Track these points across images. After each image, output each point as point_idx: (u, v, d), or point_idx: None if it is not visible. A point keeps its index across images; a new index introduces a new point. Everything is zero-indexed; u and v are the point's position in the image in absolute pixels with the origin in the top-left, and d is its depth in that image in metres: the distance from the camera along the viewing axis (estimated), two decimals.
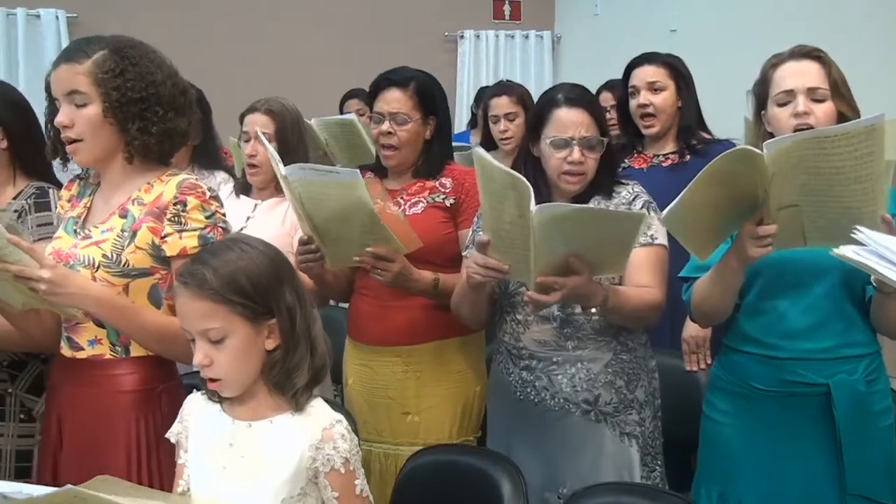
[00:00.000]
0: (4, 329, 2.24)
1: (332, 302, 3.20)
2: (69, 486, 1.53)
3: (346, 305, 3.31)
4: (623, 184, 2.56)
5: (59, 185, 2.51)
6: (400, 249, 2.51)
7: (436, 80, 2.91)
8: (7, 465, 2.48)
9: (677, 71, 3.44)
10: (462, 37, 7.35)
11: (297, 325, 1.82)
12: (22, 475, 2.48)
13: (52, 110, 2.20)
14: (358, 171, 2.43)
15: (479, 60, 7.36)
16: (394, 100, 2.78)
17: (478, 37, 7.38)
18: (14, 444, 2.47)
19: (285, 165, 2.46)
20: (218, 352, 1.77)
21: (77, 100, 2.10)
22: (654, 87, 3.38)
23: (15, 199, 2.45)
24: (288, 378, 1.82)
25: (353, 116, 4.59)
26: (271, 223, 3.14)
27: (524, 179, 2.10)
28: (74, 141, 2.13)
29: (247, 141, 3.22)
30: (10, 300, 2.10)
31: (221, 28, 6.64)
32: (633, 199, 2.50)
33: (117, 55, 2.11)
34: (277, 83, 4.85)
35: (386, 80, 2.82)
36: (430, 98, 2.83)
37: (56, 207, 2.40)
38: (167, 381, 2.21)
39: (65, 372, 2.20)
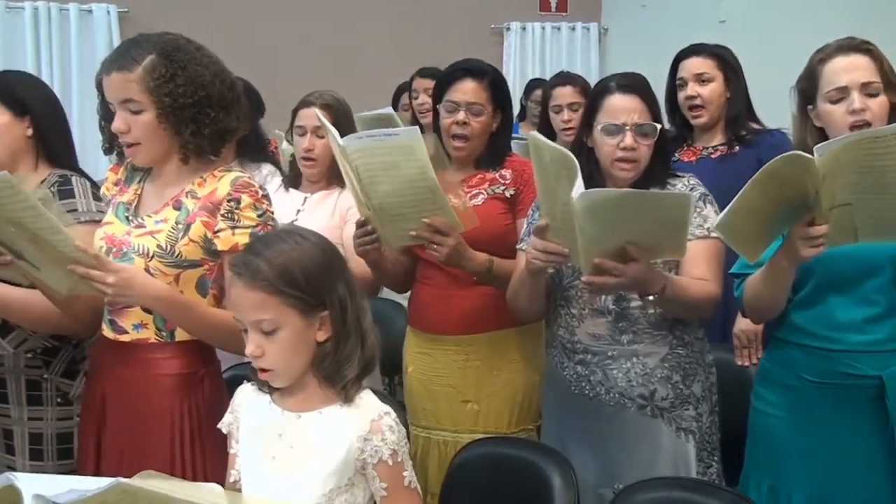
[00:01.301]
0: (48, 310, 2.29)
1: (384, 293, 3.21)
2: (119, 479, 1.54)
3: (398, 299, 3.33)
4: (678, 176, 2.54)
5: (81, 174, 2.57)
6: (456, 225, 2.51)
7: (502, 74, 2.93)
8: (49, 448, 2.52)
9: (725, 61, 3.40)
10: (508, 29, 7.33)
11: (349, 317, 1.82)
12: (64, 456, 2.53)
13: (105, 109, 2.24)
14: (417, 128, 2.43)
15: (525, 53, 7.34)
16: (470, 90, 2.79)
17: (524, 29, 7.35)
18: (54, 427, 2.52)
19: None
20: (270, 343, 1.78)
21: (131, 107, 2.14)
22: (701, 79, 3.36)
23: (38, 186, 2.49)
24: (338, 370, 1.82)
25: (390, 110, 4.60)
26: (321, 216, 3.18)
27: (572, 156, 2.09)
28: (132, 144, 2.18)
29: (301, 135, 3.26)
30: (57, 285, 2.14)
31: (269, 22, 6.67)
32: (689, 192, 2.46)
33: (166, 59, 2.13)
34: (324, 76, 4.86)
35: (461, 71, 2.82)
36: (503, 91, 2.86)
37: (79, 196, 2.45)
38: (209, 365, 2.26)
39: (108, 353, 2.25)
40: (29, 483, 1.58)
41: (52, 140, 2.56)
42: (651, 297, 2.34)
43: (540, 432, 2.81)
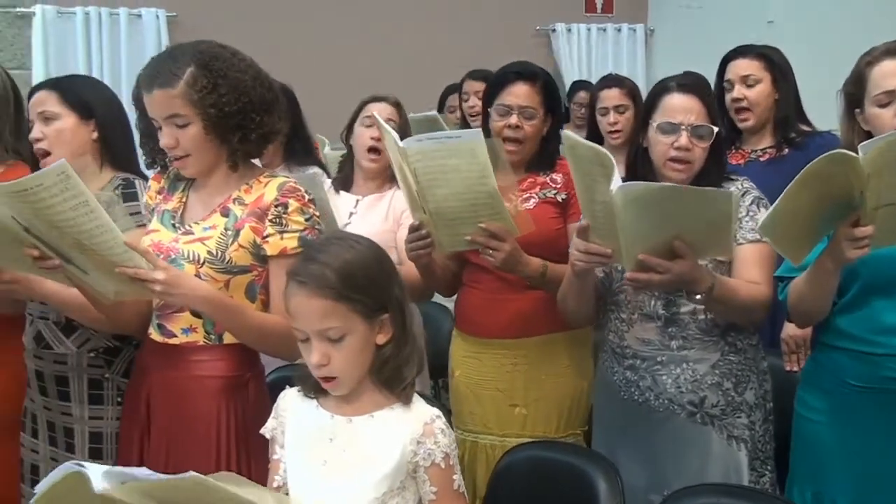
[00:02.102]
0: (95, 316, 2.32)
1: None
2: (193, 473, 1.56)
3: (444, 302, 3.33)
4: (732, 179, 2.51)
5: (144, 178, 2.59)
6: (512, 230, 2.50)
7: (553, 77, 2.93)
8: (109, 447, 2.55)
9: (773, 63, 3.36)
10: (554, 31, 7.29)
11: (407, 319, 1.83)
12: None
13: (145, 124, 2.27)
14: (479, 131, 2.42)
15: (570, 54, 7.30)
16: (523, 94, 2.78)
17: (569, 30, 7.31)
18: (114, 426, 2.53)
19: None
20: (336, 350, 1.78)
21: (178, 121, 2.16)
22: (747, 81, 3.32)
23: (102, 189, 2.52)
24: (398, 373, 1.83)
25: (435, 112, 4.60)
26: (375, 218, 3.20)
27: (606, 152, 2.09)
28: (181, 157, 2.20)
29: (369, 125, 3.26)
30: (103, 290, 2.16)
31: (315, 25, 6.69)
32: (743, 195, 2.45)
33: (205, 69, 2.15)
34: (371, 79, 4.87)
35: (514, 74, 2.81)
36: (554, 94, 2.85)
37: (143, 198, 2.46)
38: (253, 368, 2.28)
39: (154, 356, 2.27)
40: (95, 469, 1.60)
41: (115, 143, 2.59)
42: (698, 297, 2.32)
43: (587, 437, 2.80)
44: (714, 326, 2.43)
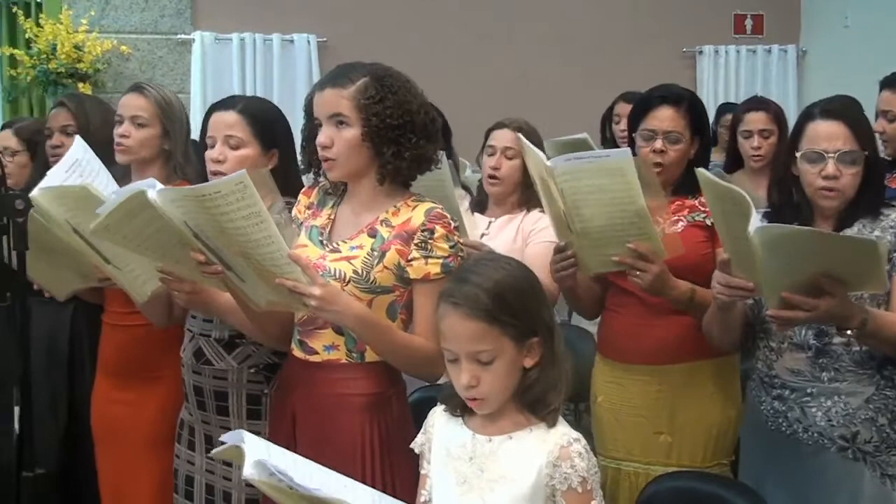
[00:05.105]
0: (243, 322, 2.39)
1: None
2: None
3: (586, 326, 3.31)
4: (893, 206, 2.41)
5: None
6: (661, 252, 2.46)
7: (699, 98, 2.89)
8: None
9: None
10: (701, 53, 7.18)
11: (556, 342, 1.83)
12: None
13: (311, 129, 2.32)
14: (628, 150, 2.39)
15: (717, 77, 7.16)
16: (667, 118, 2.74)
17: (717, 52, 7.18)
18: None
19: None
20: (485, 372, 1.79)
21: (339, 120, 2.22)
22: (888, 116, 3.19)
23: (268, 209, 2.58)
24: (543, 397, 1.82)
25: (585, 135, 4.57)
26: (505, 239, 3.22)
27: (745, 195, 2.04)
28: (330, 159, 2.25)
29: (491, 154, 3.36)
30: (257, 298, 2.21)
31: (463, 50, 6.78)
32: (875, 237, 2.32)
33: (378, 83, 2.21)
34: (517, 104, 4.91)
35: (658, 98, 2.78)
36: (700, 116, 2.80)
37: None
38: (396, 385, 2.30)
39: (298, 373, 2.32)
40: (254, 447, 1.65)
41: (288, 173, 2.62)
42: (849, 332, 2.22)
43: (734, 467, 2.73)
44: (869, 359, 2.33)
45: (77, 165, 2.58)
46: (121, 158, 2.87)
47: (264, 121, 2.62)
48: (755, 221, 2.03)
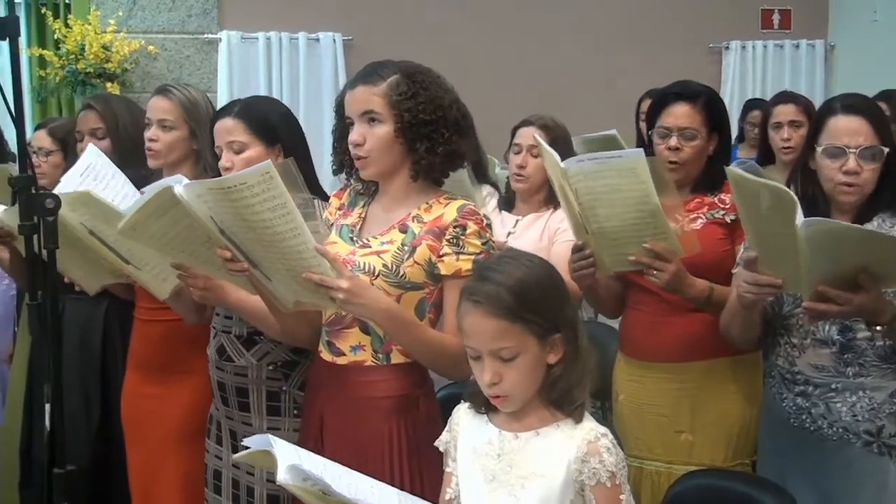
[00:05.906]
0: (270, 322, 2.39)
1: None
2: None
3: (611, 323, 3.31)
4: None
5: (323, 197, 2.63)
6: (677, 250, 2.45)
7: (718, 94, 2.87)
8: None
9: None
10: (727, 48, 7.15)
11: (579, 339, 1.83)
12: None
13: (342, 129, 2.32)
14: (641, 150, 2.39)
15: (745, 72, 7.13)
16: (682, 114, 2.72)
17: (744, 48, 7.15)
18: (291, 437, 2.56)
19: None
20: (507, 369, 1.79)
21: (371, 117, 2.22)
22: None
23: None
24: (568, 393, 1.82)
25: (614, 132, 4.57)
26: (531, 238, 3.25)
27: (788, 190, 2.03)
28: (362, 157, 2.25)
29: (517, 153, 3.40)
30: (284, 298, 2.22)
31: (489, 47, 6.79)
32: None
33: (409, 79, 2.22)
34: (544, 101, 4.90)
35: (674, 95, 2.77)
36: (718, 113, 2.78)
37: (321, 217, 2.49)
38: (423, 385, 2.30)
39: (325, 375, 2.32)
40: (285, 452, 1.66)
41: (300, 167, 2.66)
42: (878, 328, 2.22)
43: (755, 467, 2.71)
44: (893, 353, 2.32)
45: (91, 170, 2.61)
46: (152, 163, 2.91)
47: (262, 118, 2.61)
48: (800, 215, 2.03)
